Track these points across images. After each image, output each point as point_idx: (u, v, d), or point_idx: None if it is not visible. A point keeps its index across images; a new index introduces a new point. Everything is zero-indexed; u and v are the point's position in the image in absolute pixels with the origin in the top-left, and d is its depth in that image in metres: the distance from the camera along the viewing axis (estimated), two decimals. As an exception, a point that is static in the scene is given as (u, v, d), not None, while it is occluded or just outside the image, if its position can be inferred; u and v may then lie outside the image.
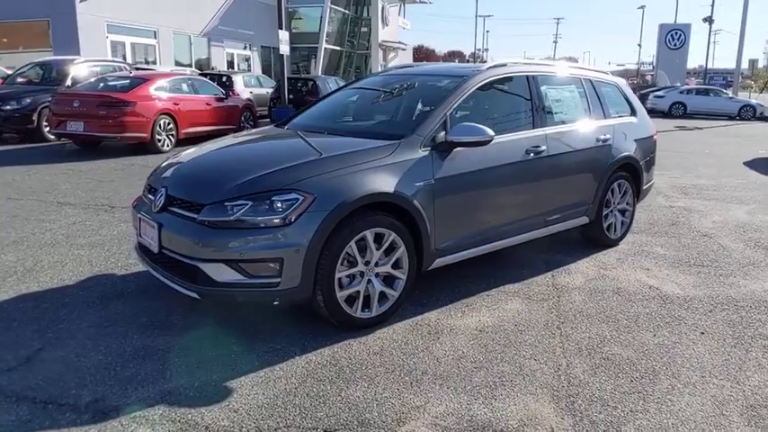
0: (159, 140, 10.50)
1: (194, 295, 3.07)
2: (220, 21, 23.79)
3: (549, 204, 4.30)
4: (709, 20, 32.88)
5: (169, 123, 10.74)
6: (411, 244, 3.36)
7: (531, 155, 4.02)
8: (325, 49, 30.37)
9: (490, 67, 4.10)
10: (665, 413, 2.50)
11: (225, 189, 3.06)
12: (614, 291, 3.98)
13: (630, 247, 5.05)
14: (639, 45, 71.74)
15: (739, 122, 22.97)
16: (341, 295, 3.14)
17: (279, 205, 2.96)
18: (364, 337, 3.20)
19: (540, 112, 4.22)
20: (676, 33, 29.81)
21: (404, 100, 4.22)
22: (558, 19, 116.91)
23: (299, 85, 16.91)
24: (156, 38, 20.65)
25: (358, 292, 3.22)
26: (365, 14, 34.56)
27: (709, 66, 34.45)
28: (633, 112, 5.25)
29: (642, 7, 53.42)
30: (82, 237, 5.13)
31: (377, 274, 3.29)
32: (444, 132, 3.56)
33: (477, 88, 3.90)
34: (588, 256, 4.75)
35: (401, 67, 5.02)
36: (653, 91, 26.77)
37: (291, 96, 15.81)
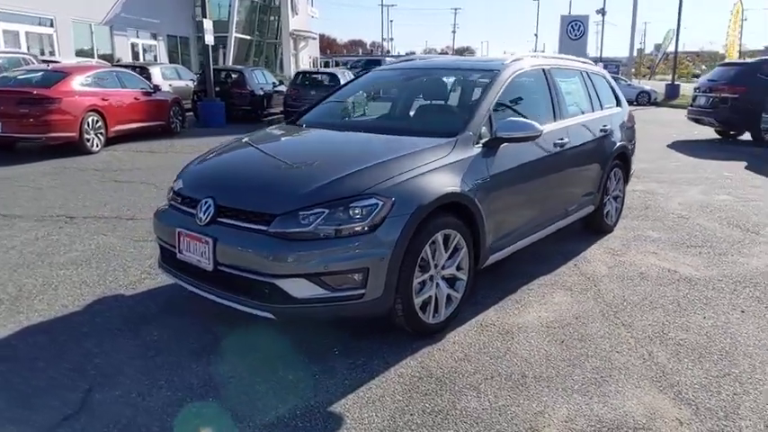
0: (88, 140, 9.59)
1: (268, 315, 2.81)
2: (123, 8, 22.08)
3: (570, 195, 4.39)
4: (602, 11, 35.25)
5: (98, 121, 9.84)
6: (471, 243, 3.29)
7: (558, 147, 4.07)
8: (234, 38, 29.17)
9: (513, 61, 4.09)
10: (765, 393, 2.63)
11: (297, 197, 2.82)
12: (640, 276, 4.14)
13: (624, 232, 5.28)
14: (536, 35, 75.40)
15: (638, 108, 24.81)
16: (417, 302, 3.02)
17: (359, 212, 2.77)
18: (439, 344, 3.10)
19: (558, 105, 4.28)
20: (576, 24, 31.58)
21: (435, 95, 4.11)
22: (456, 9, 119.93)
23: (224, 76, 16.11)
24: (53, 26, 18.80)
25: (430, 297, 3.10)
26: (274, 3, 33.58)
27: (603, 55, 36.97)
28: (619, 102, 5.48)
29: (537, -1, 56.11)
30: (56, 254, 4.56)
31: (443, 277, 3.19)
32: (490, 128, 3.51)
33: (508, 83, 3.87)
34: (594, 243, 4.91)
35: (402, 61, 4.89)
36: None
37: (218, 89, 15.03)
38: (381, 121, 3.95)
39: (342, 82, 15.63)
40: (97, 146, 9.80)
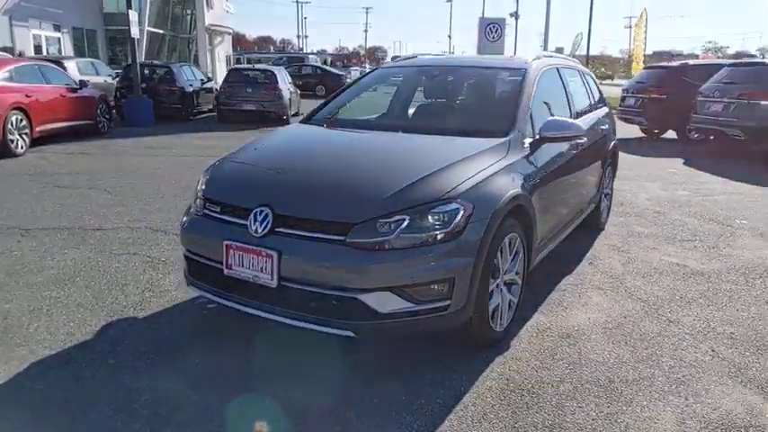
0: (12, 141, 8.60)
1: (347, 334, 2.56)
2: (23, -4, 20.08)
3: (585, 194, 4.45)
4: (515, 15, 36.72)
5: (22, 120, 8.85)
6: (525, 246, 3.21)
7: (578, 146, 4.08)
8: (147, 31, 27.45)
9: (534, 60, 4.05)
10: (835, 382, 2.74)
11: (376, 204, 2.59)
12: (655, 271, 4.25)
13: (616, 229, 5.43)
14: (449, 36, 77.26)
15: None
16: (490, 310, 2.89)
17: (440, 218, 2.60)
18: (507, 352, 2.98)
19: (573, 104, 4.30)
20: (494, 27, 32.43)
21: (465, 93, 3.98)
22: (367, 8, 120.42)
23: (150, 72, 15.08)
24: (-58, 14, 16.73)
25: (498, 304, 2.98)
26: (188, -4, 31.99)
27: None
28: (604, 100, 5.62)
29: (450, 0, 57.53)
30: (29, 273, 4.00)
31: (505, 283, 3.08)
32: (532, 127, 3.44)
33: (537, 81, 3.82)
34: (595, 241, 5.00)
35: (409, 58, 4.72)
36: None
37: (144, 85, 14.04)
38: (418, 121, 3.75)
39: (279, 80, 15.18)
40: (22, 148, 8.82)
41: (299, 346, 2.98)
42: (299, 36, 71.26)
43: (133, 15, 13.14)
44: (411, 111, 3.99)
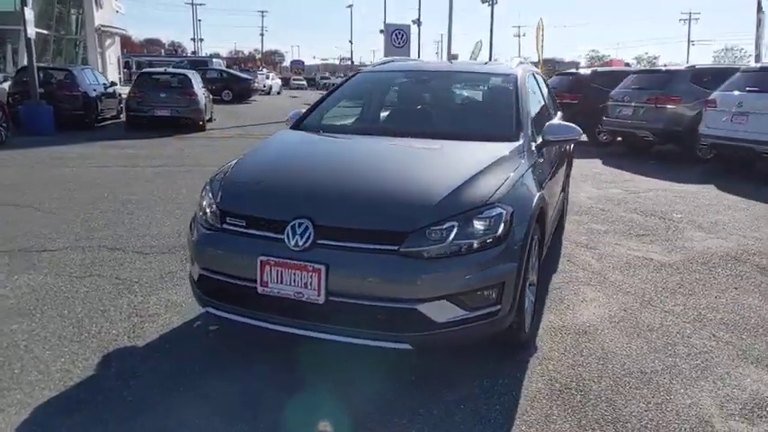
0: None
1: (404, 346, 2.48)
2: None
3: (560, 192, 4.63)
4: (418, 22, 37.64)
5: None
6: (539, 245, 3.28)
7: (560, 148, 4.25)
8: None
9: (518, 66, 4.16)
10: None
11: (427, 212, 2.53)
12: (630, 266, 4.52)
13: (575, 226, 5.72)
14: (351, 41, 77.70)
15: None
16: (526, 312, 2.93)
17: (487, 223, 2.59)
18: (537, 354, 3.04)
19: (548, 107, 4.48)
20: (399, 33, 33.11)
21: (462, 98, 3.98)
22: (263, 12, 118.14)
23: (47, 76, 13.79)
24: None
25: (527, 305, 3.02)
26: (74, -5, 29.69)
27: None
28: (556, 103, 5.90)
29: (350, 6, 57.89)
30: (-16, 304, 3.50)
31: (529, 284, 3.13)
32: (534, 131, 3.54)
33: (526, 86, 3.93)
34: (561, 238, 5.23)
35: (388, 62, 4.66)
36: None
37: (42, 90, 12.82)
38: (425, 126, 3.69)
39: (194, 83, 14.46)
40: None
41: (325, 363, 2.84)
42: (194, 39, 68.41)
43: (29, 14, 11.96)
44: (413, 116, 3.94)
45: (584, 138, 13.62)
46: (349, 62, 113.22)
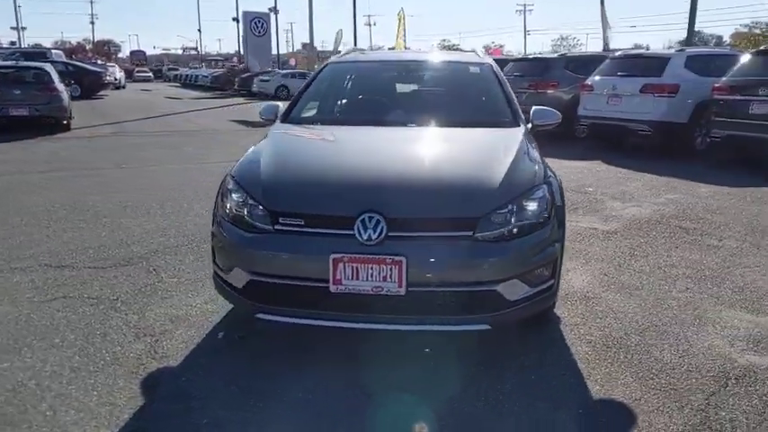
0: None
1: (483, 327, 2.58)
2: None
3: None
4: (275, 10, 36.87)
5: None
6: None
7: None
8: None
9: (486, 55, 4.38)
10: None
11: (492, 197, 2.64)
12: (583, 236, 5.00)
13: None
14: (199, 30, 73.59)
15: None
16: (557, 286, 3.15)
17: (537, 204, 2.76)
18: (562, 323, 3.29)
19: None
20: (259, 21, 32.33)
21: (450, 87, 4.07)
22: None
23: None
24: None
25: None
26: None
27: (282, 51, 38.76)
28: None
29: (195, -7, 54.88)
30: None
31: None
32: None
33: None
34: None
35: (351, 53, 4.61)
36: (256, 75, 28.66)
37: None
38: (425, 115, 3.68)
39: (54, 77, 12.87)
40: None
41: (384, 357, 2.85)
42: (15, 28, 60.21)
43: None
44: (413, 105, 3.94)
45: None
46: (194, 51, 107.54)
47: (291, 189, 2.75)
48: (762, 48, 8.86)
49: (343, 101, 3.99)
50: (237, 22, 46.63)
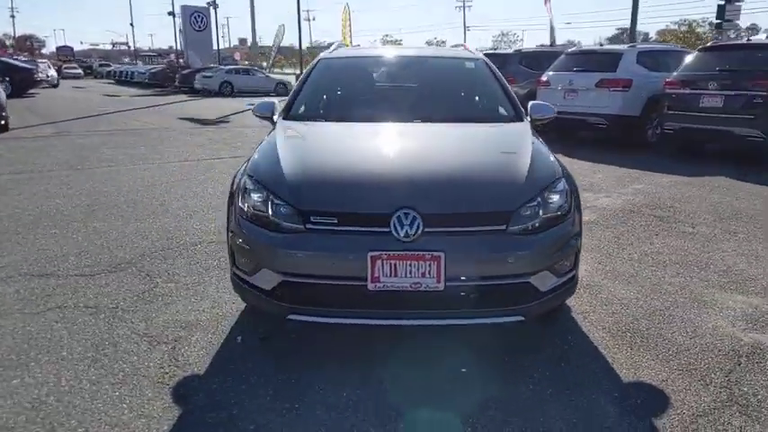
0: None
1: (517, 318, 2.63)
2: None
3: None
4: (214, 4, 35.86)
5: None
6: None
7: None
8: None
9: (477, 51, 4.44)
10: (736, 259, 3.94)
11: (522, 190, 2.68)
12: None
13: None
14: (132, 24, 70.72)
15: (276, 97, 26.55)
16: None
17: (559, 196, 2.82)
18: (572, 312, 3.40)
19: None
20: (199, 16, 31.32)
21: (450, 82, 4.08)
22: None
23: None
24: None
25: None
26: None
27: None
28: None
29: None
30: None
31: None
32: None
33: (496, 70, 4.24)
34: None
35: (337, 49, 4.55)
36: (198, 71, 27.81)
37: None
38: (432, 111, 3.67)
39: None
40: None
41: (417, 354, 2.87)
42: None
43: None
44: (418, 101, 3.92)
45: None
46: (125, 47, 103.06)
47: (323, 187, 2.70)
48: (708, 44, 9.39)
49: (346, 97, 3.94)
50: (174, 16, 45.18)
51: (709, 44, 9.47)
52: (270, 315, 2.85)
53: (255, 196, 2.76)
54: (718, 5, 20.40)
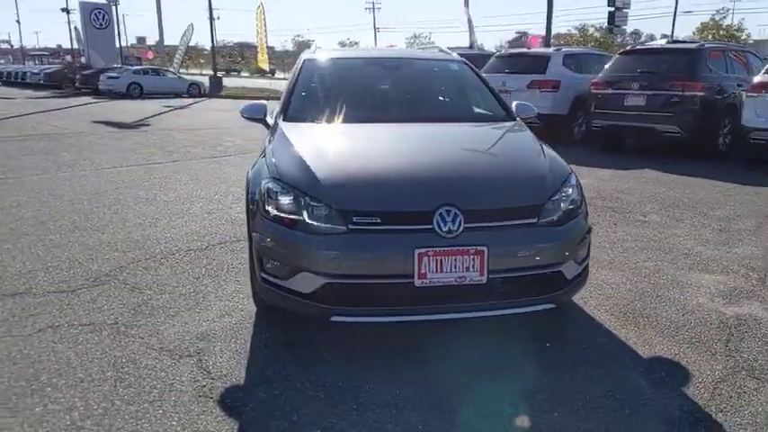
0: None
1: (549, 306, 2.79)
2: None
3: None
4: (114, 1, 33.71)
5: None
6: None
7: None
8: None
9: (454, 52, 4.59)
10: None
11: (547, 185, 2.85)
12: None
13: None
14: (18, 21, 65.02)
15: (193, 99, 25.51)
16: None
17: (573, 190, 3.02)
18: (578, 300, 3.62)
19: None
20: (100, 13, 29.35)
21: (440, 84, 4.16)
22: None
23: None
24: None
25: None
26: None
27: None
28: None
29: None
30: None
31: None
32: (503, 111, 4.06)
33: (475, 71, 4.40)
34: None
35: (318, 51, 4.51)
36: (102, 71, 26.12)
37: None
38: (428, 112, 3.75)
39: None
40: None
41: (449, 346, 2.95)
42: None
43: None
44: (414, 102, 3.96)
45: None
46: (7, 46, 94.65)
47: (364, 187, 2.71)
48: (628, 48, 10.19)
49: (350, 98, 3.90)
50: (68, 12, 42.17)
51: (628, 48, 10.29)
52: (309, 318, 2.82)
53: (286, 200, 2.72)
54: (609, 12, 22.09)
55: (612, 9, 21.86)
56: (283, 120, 3.60)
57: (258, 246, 2.82)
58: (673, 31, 40.15)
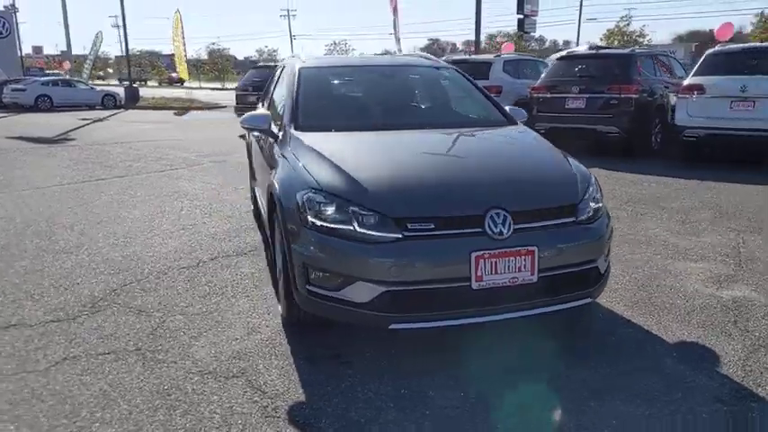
0: None
1: (586, 300, 2.92)
2: None
3: None
4: (13, 8, 31.33)
5: None
6: None
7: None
8: None
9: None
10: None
11: (579, 185, 3.00)
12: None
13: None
14: None
15: (108, 111, 24.10)
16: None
17: (595, 188, 3.17)
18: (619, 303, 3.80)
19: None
20: (1, 21, 27.11)
21: (435, 89, 4.20)
22: None
23: None
24: None
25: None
26: None
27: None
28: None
29: None
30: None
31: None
32: (498, 114, 4.20)
33: (460, 76, 4.53)
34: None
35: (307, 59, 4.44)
36: (5, 83, 24.15)
37: None
38: (434, 118, 3.80)
39: None
40: None
41: (486, 345, 3.02)
42: None
43: None
44: (417, 109, 3.99)
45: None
46: None
47: (416, 194, 2.72)
48: (564, 53, 10.77)
49: (357, 106, 3.86)
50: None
51: (564, 53, 10.88)
52: (367, 328, 2.80)
53: (330, 210, 2.69)
54: (518, 19, 23.22)
55: (522, 16, 22.96)
56: (295, 129, 3.53)
57: (302, 257, 2.76)
58: (578, 38, 42.85)
